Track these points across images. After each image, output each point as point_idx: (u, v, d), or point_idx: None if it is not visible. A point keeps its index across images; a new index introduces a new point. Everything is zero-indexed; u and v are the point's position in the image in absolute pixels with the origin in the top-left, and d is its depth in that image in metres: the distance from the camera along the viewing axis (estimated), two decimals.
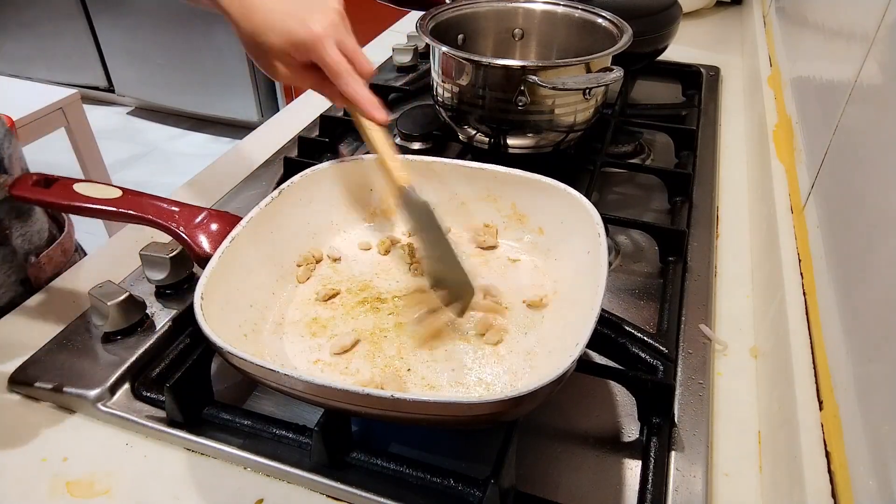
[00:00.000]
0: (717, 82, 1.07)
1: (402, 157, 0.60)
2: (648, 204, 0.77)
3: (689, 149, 0.85)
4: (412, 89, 1.01)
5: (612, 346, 0.54)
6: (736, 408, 0.52)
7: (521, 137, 0.76)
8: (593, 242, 0.53)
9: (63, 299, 0.61)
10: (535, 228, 0.61)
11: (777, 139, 0.75)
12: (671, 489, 0.45)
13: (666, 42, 1.00)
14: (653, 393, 0.48)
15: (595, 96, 0.75)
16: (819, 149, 0.59)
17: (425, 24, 0.79)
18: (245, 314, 0.52)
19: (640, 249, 0.69)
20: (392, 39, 1.17)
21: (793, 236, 0.59)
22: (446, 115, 0.80)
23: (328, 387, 0.40)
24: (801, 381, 0.45)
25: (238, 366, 0.43)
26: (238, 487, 0.45)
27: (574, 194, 0.57)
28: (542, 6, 0.87)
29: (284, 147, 0.87)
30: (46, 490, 0.45)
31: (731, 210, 0.76)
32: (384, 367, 0.50)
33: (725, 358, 0.57)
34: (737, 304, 0.62)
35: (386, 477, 0.44)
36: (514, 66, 0.71)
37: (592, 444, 0.49)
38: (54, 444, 0.48)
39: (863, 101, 0.51)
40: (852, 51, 0.56)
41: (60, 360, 0.53)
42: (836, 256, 0.48)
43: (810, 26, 0.79)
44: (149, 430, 0.49)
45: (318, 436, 0.44)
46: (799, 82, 0.76)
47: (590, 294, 0.48)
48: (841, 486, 0.37)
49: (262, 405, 0.51)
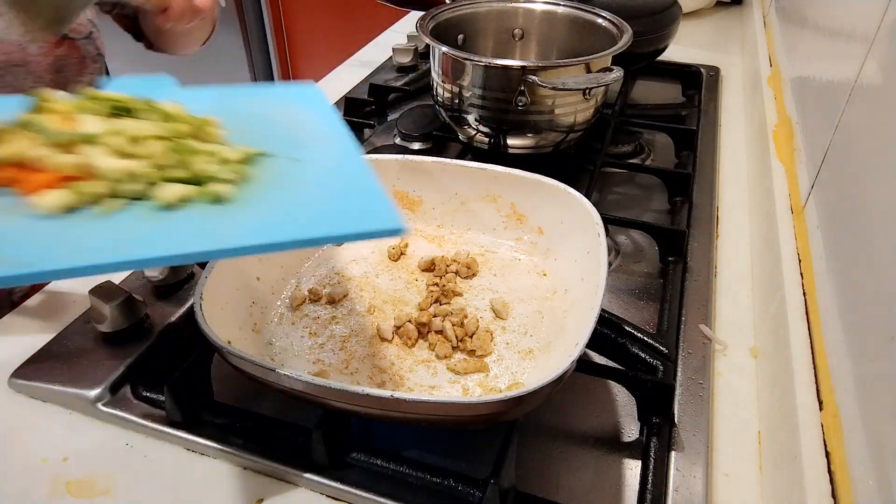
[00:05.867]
0: (717, 82, 1.07)
1: (401, 156, 0.60)
2: (648, 204, 0.77)
3: (689, 149, 0.85)
4: (412, 89, 1.01)
5: (612, 346, 0.54)
6: (736, 408, 0.52)
7: (521, 137, 0.76)
8: (593, 242, 0.53)
9: (63, 299, 0.61)
10: (535, 228, 0.61)
11: (777, 139, 0.75)
12: (671, 489, 0.45)
13: (666, 42, 1.00)
14: (653, 393, 0.48)
15: (595, 96, 0.75)
16: (819, 149, 0.59)
17: (425, 24, 0.79)
18: (245, 314, 0.52)
19: (640, 249, 0.69)
20: (392, 39, 1.17)
21: (793, 236, 0.59)
22: (446, 115, 0.80)
23: (328, 387, 0.40)
24: (801, 381, 0.45)
25: (238, 366, 0.43)
26: (238, 487, 0.45)
27: (574, 194, 0.57)
28: (542, 6, 0.87)
29: None
30: (46, 490, 0.45)
31: (731, 210, 0.76)
32: (384, 367, 0.50)
33: (725, 358, 0.57)
34: (737, 304, 0.62)
35: (386, 477, 0.44)
36: (514, 66, 0.71)
37: (592, 444, 0.49)
38: (54, 444, 0.48)
39: (863, 101, 0.51)
40: (852, 51, 0.56)
41: (60, 360, 0.53)
42: (836, 256, 0.48)
43: (810, 26, 0.79)
44: (149, 430, 0.49)
45: (318, 436, 0.44)
46: (799, 82, 0.76)
47: (590, 294, 0.48)
48: (841, 486, 0.37)
49: (262, 405, 0.51)
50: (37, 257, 0.34)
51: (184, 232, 0.38)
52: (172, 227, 0.38)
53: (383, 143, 0.88)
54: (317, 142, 0.49)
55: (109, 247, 0.36)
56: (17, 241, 0.36)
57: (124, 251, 0.36)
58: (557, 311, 0.55)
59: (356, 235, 0.40)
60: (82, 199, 0.38)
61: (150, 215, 0.39)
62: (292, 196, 0.42)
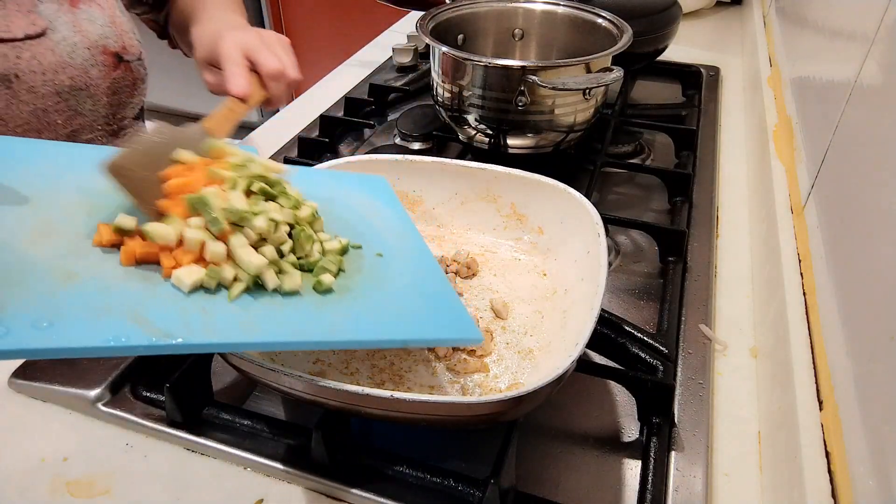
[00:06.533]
0: (717, 82, 1.07)
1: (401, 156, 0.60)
2: (648, 204, 0.77)
3: (689, 149, 0.85)
4: (412, 89, 1.01)
5: (612, 346, 0.54)
6: (736, 408, 0.52)
7: (521, 137, 0.76)
8: (593, 242, 0.53)
9: None
10: (534, 228, 0.61)
11: (777, 139, 0.75)
12: (671, 489, 0.45)
13: (666, 42, 1.00)
14: (653, 393, 0.48)
15: (595, 96, 0.75)
16: (819, 149, 0.59)
17: (425, 24, 0.79)
18: None
19: (640, 249, 0.69)
20: (392, 39, 1.17)
21: (793, 236, 0.59)
22: (446, 115, 0.80)
23: (328, 387, 0.40)
24: (801, 381, 0.45)
25: (238, 366, 0.43)
26: (238, 487, 0.45)
27: (574, 194, 0.57)
28: (542, 6, 0.87)
29: (284, 147, 0.86)
30: (46, 490, 0.45)
31: (731, 210, 0.76)
32: (384, 368, 0.50)
33: (725, 358, 0.57)
34: (737, 304, 0.62)
35: (386, 477, 0.44)
36: (514, 66, 0.71)
37: (592, 444, 0.49)
38: (54, 444, 0.48)
39: (863, 101, 0.51)
40: (852, 51, 0.56)
41: (60, 360, 0.53)
42: (836, 256, 0.48)
43: (810, 26, 0.79)
44: (149, 430, 0.49)
45: (318, 436, 0.44)
46: (799, 82, 0.76)
47: (590, 294, 0.48)
48: (841, 486, 0.37)
49: (262, 405, 0.51)
50: (180, 330, 0.36)
51: (301, 319, 0.41)
52: (291, 314, 0.41)
53: (383, 143, 0.88)
54: (393, 236, 0.52)
55: (237, 328, 0.38)
56: (163, 314, 0.37)
57: (253, 335, 0.38)
58: (557, 311, 0.55)
59: (443, 341, 0.44)
60: (213, 280, 0.40)
61: (271, 300, 0.42)
62: (382, 294, 0.45)
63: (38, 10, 0.62)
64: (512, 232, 0.63)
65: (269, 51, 0.61)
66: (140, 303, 0.38)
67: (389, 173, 0.63)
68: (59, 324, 0.34)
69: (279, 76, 0.61)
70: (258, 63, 0.60)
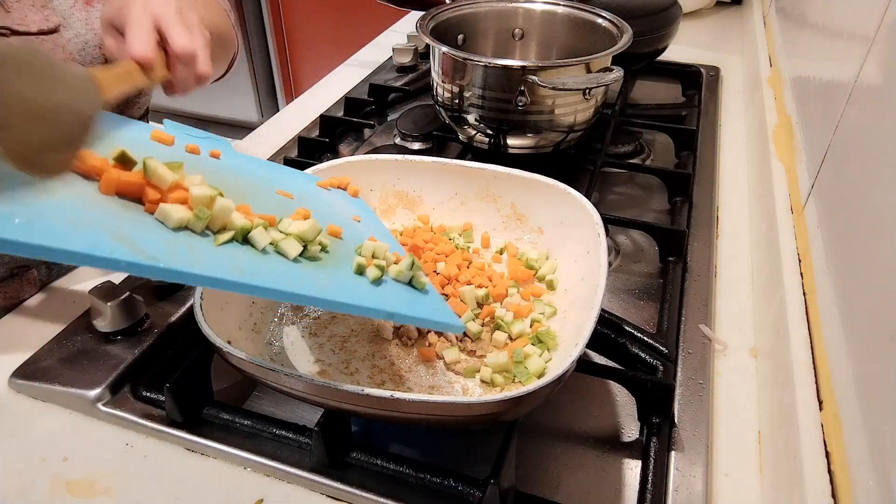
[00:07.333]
0: (717, 82, 1.07)
1: (401, 156, 0.60)
2: (648, 204, 0.77)
3: (689, 149, 0.85)
4: (412, 89, 1.01)
5: (612, 346, 0.54)
6: (736, 408, 0.52)
7: (521, 137, 0.76)
8: (593, 242, 0.53)
9: (63, 299, 0.61)
10: (534, 228, 0.61)
11: (777, 139, 0.75)
12: (671, 489, 0.45)
13: (666, 42, 1.00)
14: (653, 393, 0.48)
15: (595, 96, 0.75)
16: (819, 149, 0.59)
17: (425, 24, 0.79)
18: (245, 314, 0.52)
19: (640, 249, 0.69)
20: (392, 39, 1.17)
21: (793, 236, 0.59)
22: (446, 115, 0.80)
23: (328, 387, 0.40)
24: (801, 381, 0.45)
25: (238, 366, 0.43)
26: (238, 487, 0.45)
27: (574, 194, 0.57)
28: (542, 6, 0.87)
29: (284, 147, 0.86)
30: (46, 490, 0.45)
31: (731, 210, 0.76)
32: (384, 368, 0.50)
33: (725, 358, 0.57)
34: (737, 304, 0.62)
35: (386, 477, 0.44)
36: (514, 66, 0.71)
37: (592, 444, 0.49)
38: (54, 444, 0.48)
39: (863, 101, 0.51)
40: (852, 51, 0.56)
41: (60, 360, 0.53)
42: (836, 256, 0.48)
43: (810, 26, 0.79)
44: (149, 430, 0.49)
45: (318, 436, 0.44)
46: (799, 82, 0.76)
47: (590, 294, 0.48)
48: (841, 486, 0.37)
49: (262, 405, 0.51)
50: (167, 258, 0.36)
51: (291, 274, 0.42)
52: (281, 266, 0.42)
53: (383, 143, 0.88)
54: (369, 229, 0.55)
55: (226, 267, 0.38)
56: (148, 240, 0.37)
57: (241, 276, 0.38)
58: (557, 311, 0.55)
59: (428, 322, 0.45)
60: (200, 222, 0.40)
61: (261, 255, 0.42)
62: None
63: (53, 5, 0.61)
64: (512, 232, 0.63)
65: (185, 29, 0.54)
66: (124, 225, 0.36)
67: (389, 173, 0.63)
68: (38, 223, 0.32)
69: (189, 59, 0.54)
70: (169, 37, 0.53)
